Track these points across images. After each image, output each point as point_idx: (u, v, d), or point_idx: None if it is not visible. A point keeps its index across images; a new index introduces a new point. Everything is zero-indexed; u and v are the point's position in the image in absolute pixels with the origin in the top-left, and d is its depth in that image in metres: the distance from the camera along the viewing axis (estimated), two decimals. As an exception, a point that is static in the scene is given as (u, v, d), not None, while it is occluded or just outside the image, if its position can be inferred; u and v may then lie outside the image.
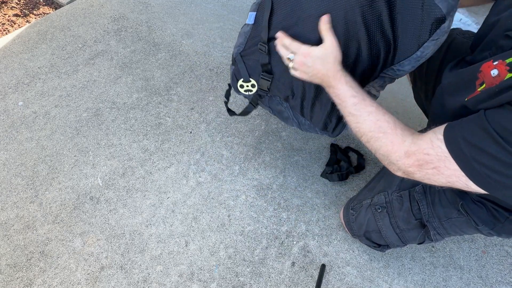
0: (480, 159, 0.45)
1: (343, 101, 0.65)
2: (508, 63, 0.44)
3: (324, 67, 0.66)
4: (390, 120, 0.60)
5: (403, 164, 0.56)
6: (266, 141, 1.24)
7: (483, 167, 0.46)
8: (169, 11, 1.84)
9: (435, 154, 0.51)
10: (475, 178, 0.47)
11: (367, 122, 0.61)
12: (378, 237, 0.84)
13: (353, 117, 0.63)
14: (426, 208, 0.72)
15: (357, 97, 0.63)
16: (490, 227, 0.64)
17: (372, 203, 0.83)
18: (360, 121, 0.62)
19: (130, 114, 1.33)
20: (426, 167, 0.52)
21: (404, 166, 0.56)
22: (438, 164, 0.51)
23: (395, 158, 0.57)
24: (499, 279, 0.92)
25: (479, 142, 0.45)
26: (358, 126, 0.63)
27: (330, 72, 0.65)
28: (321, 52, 0.66)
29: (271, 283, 0.92)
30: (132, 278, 0.93)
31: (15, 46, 1.63)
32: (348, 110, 0.64)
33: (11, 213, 1.06)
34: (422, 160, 0.53)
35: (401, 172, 0.58)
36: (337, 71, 0.65)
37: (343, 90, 0.65)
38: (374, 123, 0.60)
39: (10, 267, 0.95)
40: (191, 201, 1.08)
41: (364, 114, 0.62)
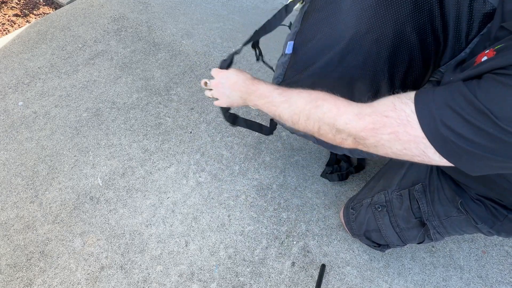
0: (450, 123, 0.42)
1: (268, 96, 0.63)
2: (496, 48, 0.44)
3: (239, 77, 0.70)
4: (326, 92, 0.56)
5: (353, 128, 0.50)
6: (266, 141, 1.24)
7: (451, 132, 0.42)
8: (169, 11, 1.84)
9: (396, 117, 0.46)
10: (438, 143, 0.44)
11: (300, 99, 0.57)
12: (378, 236, 0.84)
13: (285, 104, 0.60)
14: (425, 207, 0.72)
15: (280, 88, 0.63)
16: (489, 225, 0.64)
17: (372, 202, 0.83)
18: (292, 102, 0.59)
19: (130, 114, 1.33)
20: (382, 131, 0.47)
21: (355, 130, 0.50)
22: (397, 128, 0.46)
23: (344, 121, 0.51)
24: (499, 279, 0.92)
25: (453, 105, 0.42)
26: (293, 109, 0.58)
27: (247, 80, 0.68)
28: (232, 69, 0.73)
29: (271, 283, 0.92)
30: (132, 278, 0.93)
31: (15, 46, 1.63)
32: (277, 101, 0.62)
33: (11, 213, 1.06)
34: (379, 122, 0.47)
35: (351, 139, 0.52)
36: (252, 77, 0.69)
37: (265, 87, 0.65)
38: (309, 96, 0.57)
39: (10, 267, 0.95)
40: (191, 201, 1.08)
41: (293, 95, 0.59)
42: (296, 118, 0.58)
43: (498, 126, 0.38)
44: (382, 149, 0.49)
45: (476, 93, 0.40)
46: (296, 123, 0.59)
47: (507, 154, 0.41)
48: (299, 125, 0.59)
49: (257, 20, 1.79)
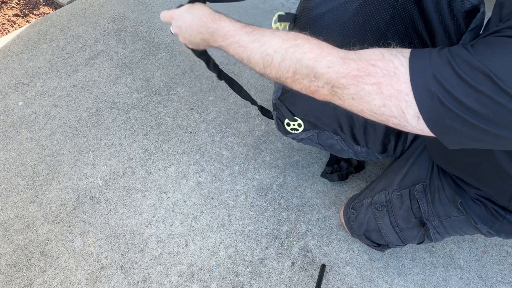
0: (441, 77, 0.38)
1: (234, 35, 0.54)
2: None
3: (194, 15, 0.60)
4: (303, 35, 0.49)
5: (335, 72, 0.44)
6: (266, 141, 1.24)
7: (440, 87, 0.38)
8: (169, 11, 1.84)
9: (383, 67, 0.42)
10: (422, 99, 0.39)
11: (274, 38, 0.50)
12: (378, 236, 0.85)
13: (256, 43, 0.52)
14: (426, 207, 0.72)
15: (249, 26, 0.54)
16: (489, 225, 0.64)
17: (372, 202, 0.83)
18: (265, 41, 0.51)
19: (130, 114, 1.33)
20: (365, 80, 0.42)
21: (336, 74, 0.44)
22: (381, 79, 0.41)
23: (326, 64, 0.45)
24: (499, 279, 0.92)
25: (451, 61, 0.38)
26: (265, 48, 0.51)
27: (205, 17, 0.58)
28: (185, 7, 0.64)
29: (271, 283, 0.92)
30: (132, 278, 0.93)
31: (15, 46, 1.63)
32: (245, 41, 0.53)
33: (11, 213, 1.06)
34: (364, 70, 0.42)
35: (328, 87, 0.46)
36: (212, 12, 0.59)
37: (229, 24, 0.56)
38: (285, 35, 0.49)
39: (10, 267, 0.95)
40: (191, 201, 1.08)
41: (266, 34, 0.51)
42: (268, 59, 0.50)
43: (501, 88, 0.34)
44: (359, 103, 0.44)
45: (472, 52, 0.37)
46: (268, 65, 0.51)
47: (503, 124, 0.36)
48: (272, 69, 0.51)
49: (257, 20, 1.79)
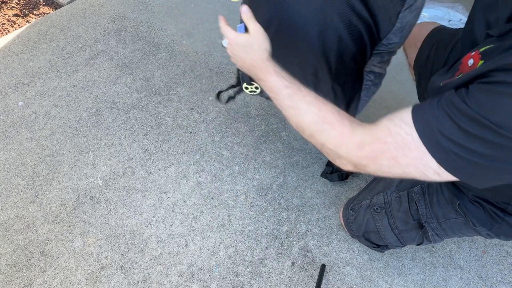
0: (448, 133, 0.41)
1: (277, 93, 0.60)
2: (481, 51, 0.44)
3: (248, 56, 0.62)
4: (334, 110, 0.55)
5: (354, 157, 0.51)
6: (266, 141, 1.24)
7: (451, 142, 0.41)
8: (169, 11, 1.84)
9: (393, 142, 0.46)
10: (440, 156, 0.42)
11: (308, 113, 0.56)
12: (377, 237, 0.84)
13: (293, 110, 0.58)
14: (424, 209, 0.72)
15: (291, 87, 0.59)
16: (487, 227, 0.64)
17: (371, 203, 0.83)
18: (301, 114, 0.57)
19: (130, 114, 1.33)
20: (381, 158, 0.48)
21: (356, 158, 0.51)
22: (396, 153, 0.46)
23: (345, 151, 0.52)
24: (499, 279, 0.92)
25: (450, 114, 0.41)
26: (299, 120, 0.58)
27: (256, 62, 0.62)
28: (244, 40, 0.62)
29: (271, 283, 0.92)
30: (132, 278, 0.93)
31: (15, 46, 1.63)
32: (285, 103, 0.59)
33: (11, 213, 1.06)
34: (378, 150, 0.48)
35: (351, 165, 0.53)
36: (263, 60, 0.61)
37: (274, 81, 0.60)
38: (317, 114, 0.55)
39: (10, 267, 0.95)
40: (191, 201, 1.08)
41: (303, 105, 0.57)
42: (300, 129, 0.59)
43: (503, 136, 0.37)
44: (382, 174, 0.50)
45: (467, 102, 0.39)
46: (300, 132, 0.59)
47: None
48: (303, 135, 0.59)
49: (257, 20, 1.79)
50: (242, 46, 0.63)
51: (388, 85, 1.43)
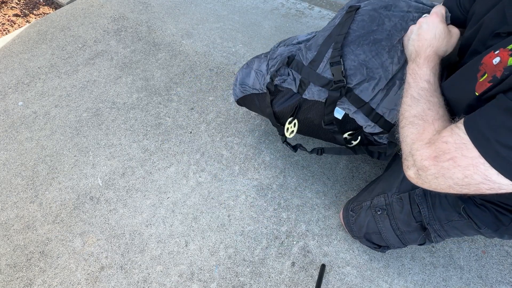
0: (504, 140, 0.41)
1: (415, 80, 0.62)
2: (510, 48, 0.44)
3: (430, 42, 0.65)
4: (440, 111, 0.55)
5: (420, 155, 0.51)
6: (266, 141, 1.24)
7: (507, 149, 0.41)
8: (169, 11, 1.84)
9: (453, 142, 0.47)
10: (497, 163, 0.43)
11: (418, 107, 0.57)
12: (379, 238, 0.84)
13: (411, 100, 0.60)
14: (426, 211, 0.72)
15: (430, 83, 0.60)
16: (493, 229, 0.64)
17: (371, 205, 0.83)
18: (413, 106, 0.59)
19: (130, 114, 1.33)
20: (442, 158, 0.48)
21: (421, 157, 0.51)
22: (455, 153, 0.46)
23: (418, 146, 0.53)
24: (499, 279, 0.91)
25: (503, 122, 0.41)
26: (407, 109, 0.59)
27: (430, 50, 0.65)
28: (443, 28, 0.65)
29: (271, 283, 0.92)
30: (132, 278, 0.93)
31: (15, 46, 1.63)
32: (411, 92, 0.61)
33: (11, 213, 1.06)
34: (440, 149, 0.48)
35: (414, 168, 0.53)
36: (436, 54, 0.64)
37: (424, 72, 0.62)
38: (423, 110, 0.56)
39: (10, 267, 0.95)
40: (191, 201, 1.08)
41: (422, 100, 0.58)
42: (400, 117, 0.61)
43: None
44: (443, 180, 0.49)
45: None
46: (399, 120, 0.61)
47: None
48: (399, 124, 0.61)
49: (257, 20, 1.79)
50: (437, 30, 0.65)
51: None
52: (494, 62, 0.46)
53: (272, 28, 1.74)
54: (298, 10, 1.87)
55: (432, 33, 0.65)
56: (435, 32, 0.65)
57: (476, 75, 0.50)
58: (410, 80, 0.64)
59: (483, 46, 0.55)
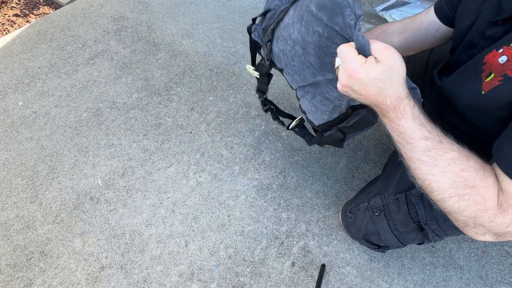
0: None
1: (409, 143, 0.47)
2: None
3: (381, 93, 0.46)
4: (478, 167, 0.45)
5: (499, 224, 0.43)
6: (266, 141, 1.24)
7: None
8: (169, 11, 1.84)
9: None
10: None
11: (447, 175, 0.45)
12: (377, 239, 0.84)
13: (425, 166, 0.47)
14: (423, 211, 0.72)
15: (431, 139, 0.46)
16: None
17: (369, 206, 0.83)
18: (436, 173, 0.46)
19: (130, 114, 1.33)
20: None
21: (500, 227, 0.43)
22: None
23: (488, 218, 0.43)
24: (499, 279, 0.92)
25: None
26: (431, 179, 0.46)
27: (390, 101, 0.46)
28: (378, 73, 0.44)
29: (271, 283, 0.92)
30: (132, 278, 0.93)
31: (15, 46, 1.63)
32: (416, 156, 0.47)
33: (11, 213, 1.06)
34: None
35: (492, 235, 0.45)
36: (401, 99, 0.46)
37: (409, 128, 0.47)
38: (458, 175, 0.44)
39: (10, 267, 0.95)
40: (191, 201, 1.08)
41: (442, 163, 0.45)
42: (428, 189, 0.48)
43: None
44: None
45: None
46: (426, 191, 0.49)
47: None
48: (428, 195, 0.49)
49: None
50: (375, 80, 0.45)
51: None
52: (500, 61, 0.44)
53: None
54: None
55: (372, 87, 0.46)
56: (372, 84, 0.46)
57: (480, 75, 0.48)
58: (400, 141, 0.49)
59: (480, 37, 0.54)
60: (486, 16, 0.53)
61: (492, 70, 0.46)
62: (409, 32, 0.75)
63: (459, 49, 0.60)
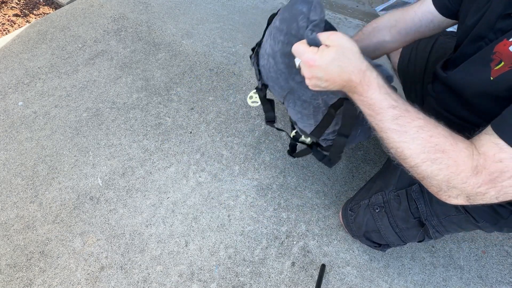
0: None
1: (379, 113, 0.50)
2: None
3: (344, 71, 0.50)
4: (446, 134, 0.47)
5: (471, 185, 0.45)
6: (266, 141, 1.24)
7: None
8: (169, 11, 1.84)
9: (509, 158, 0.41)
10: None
11: (417, 140, 0.47)
12: (378, 237, 0.84)
13: (396, 134, 0.49)
14: (424, 207, 0.72)
15: (398, 107, 0.49)
16: (491, 223, 0.64)
17: (370, 203, 0.83)
18: (407, 140, 0.48)
19: (130, 114, 1.33)
20: (502, 178, 0.42)
21: (471, 187, 0.45)
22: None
23: (461, 181, 0.45)
24: (499, 279, 0.92)
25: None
26: (402, 146, 0.49)
27: (354, 75, 0.50)
28: (333, 52, 0.49)
29: (271, 283, 0.92)
30: (132, 278, 0.93)
31: (15, 46, 1.63)
32: (387, 125, 0.49)
33: (11, 213, 1.06)
34: (496, 171, 0.42)
35: (463, 197, 0.46)
36: (363, 71, 0.50)
37: (377, 98, 0.49)
38: (427, 140, 0.47)
39: (10, 267, 0.95)
40: (191, 201, 1.08)
41: (411, 130, 0.48)
42: (401, 156, 0.50)
43: None
44: (505, 197, 0.45)
45: None
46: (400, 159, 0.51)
47: None
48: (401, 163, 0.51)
49: (257, 20, 1.79)
50: (333, 60, 0.49)
51: (388, 85, 1.43)
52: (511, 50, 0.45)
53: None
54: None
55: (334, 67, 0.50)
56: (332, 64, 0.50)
57: (490, 64, 0.48)
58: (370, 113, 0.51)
59: (489, 30, 0.53)
60: (496, 9, 0.53)
61: (502, 58, 0.47)
62: (401, 24, 0.75)
63: (465, 43, 0.61)
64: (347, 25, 1.76)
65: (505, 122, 0.43)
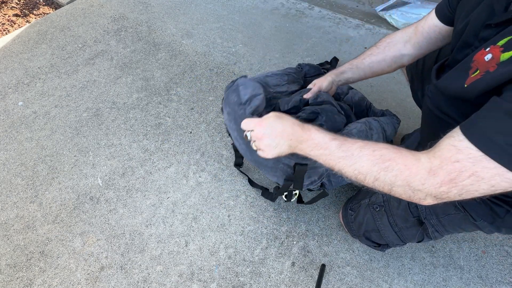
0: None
1: (326, 148, 0.57)
2: (501, 45, 0.45)
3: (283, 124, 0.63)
4: (388, 146, 0.53)
5: (431, 186, 0.47)
6: (266, 141, 1.24)
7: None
8: (169, 11, 1.84)
9: (467, 158, 0.44)
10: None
11: (363, 158, 0.53)
12: (378, 236, 0.85)
13: (346, 160, 0.55)
14: (423, 206, 0.72)
15: (337, 138, 0.57)
16: (488, 221, 0.64)
17: (370, 202, 0.84)
18: (356, 160, 0.54)
19: (130, 114, 1.33)
20: (461, 178, 0.45)
21: (433, 188, 0.47)
22: (474, 168, 0.43)
23: (419, 182, 0.48)
24: (499, 279, 0.92)
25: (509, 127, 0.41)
26: (356, 167, 0.54)
27: (294, 126, 0.62)
28: (271, 115, 0.65)
29: (271, 283, 0.92)
30: (132, 278, 0.93)
31: (15, 46, 1.63)
32: (336, 155, 0.56)
33: (11, 213, 1.06)
34: (454, 171, 0.45)
35: (431, 197, 0.49)
36: (298, 123, 0.62)
37: (319, 137, 0.59)
38: (372, 155, 0.52)
39: (10, 267, 0.95)
40: (191, 201, 1.08)
41: (355, 151, 0.54)
42: (361, 177, 0.54)
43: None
44: (469, 195, 0.46)
45: None
46: (361, 181, 0.55)
47: None
48: (366, 184, 0.55)
49: (257, 20, 1.79)
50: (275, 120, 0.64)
51: (388, 85, 1.43)
52: (486, 59, 0.47)
53: (272, 28, 1.74)
54: (298, 10, 1.87)
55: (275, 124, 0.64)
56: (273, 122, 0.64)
57: (468, 72, 0.51)
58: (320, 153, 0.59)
59: (474, 38, 0.56)
60: (479, 18, 0.56)
61: (479, 67, 0.49)
62: (414, 39, 0.81)
63: (456, 49, 0.63)
64: (347, 25, 1.76)
65: (474, 126, 0.45)
